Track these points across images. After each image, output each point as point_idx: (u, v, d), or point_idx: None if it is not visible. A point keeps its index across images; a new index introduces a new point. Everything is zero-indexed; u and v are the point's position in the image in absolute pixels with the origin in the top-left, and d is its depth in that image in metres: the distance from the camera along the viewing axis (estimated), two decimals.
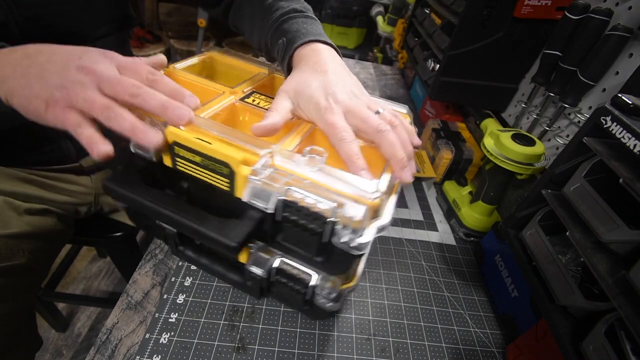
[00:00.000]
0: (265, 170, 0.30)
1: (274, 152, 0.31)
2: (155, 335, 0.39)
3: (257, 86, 0.45)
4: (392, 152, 0.33)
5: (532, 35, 0.56)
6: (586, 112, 0.49)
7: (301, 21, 0.44)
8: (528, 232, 0.39)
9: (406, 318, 0.46)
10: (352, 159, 0.32)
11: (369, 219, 0.28)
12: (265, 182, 0.29)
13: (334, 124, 0.33)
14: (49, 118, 0.30)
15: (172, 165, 0.34)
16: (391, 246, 0.56)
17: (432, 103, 0.87)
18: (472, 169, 0.66)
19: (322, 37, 0.42)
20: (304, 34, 0.41)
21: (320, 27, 0.45)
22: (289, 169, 0.30)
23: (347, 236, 0.28)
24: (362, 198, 0.28)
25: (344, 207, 0.28)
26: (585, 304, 0.30)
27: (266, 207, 0.29)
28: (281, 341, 0.41)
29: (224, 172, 0.31)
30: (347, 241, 0.28)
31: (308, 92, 0.36)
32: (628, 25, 0.41)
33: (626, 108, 0.29)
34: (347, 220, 0.28)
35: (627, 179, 0.27)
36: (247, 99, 0.41)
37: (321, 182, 0.29)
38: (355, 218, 0.27)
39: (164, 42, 2.17)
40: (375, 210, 0.29)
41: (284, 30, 0.43)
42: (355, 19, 2.36)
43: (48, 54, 0.31)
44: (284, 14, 0.45)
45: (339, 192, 0.29)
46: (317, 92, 0.35)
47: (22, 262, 0.50)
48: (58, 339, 1.02)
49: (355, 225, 0.27)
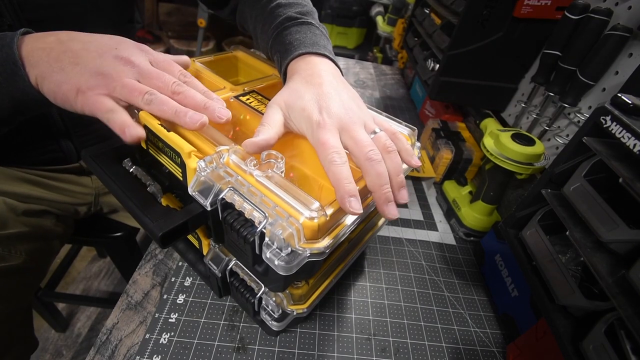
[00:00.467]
0: (213, 167, 0.29)
1: (230, 149, 0.30)
2: (155, 336, 0.39)
3: (263, 87, 0.45)
4: (377, 184, 0.30)
5: (532, 35, 0.56)
6: (586, 111, 0.49)
7: (295, 31, 0.41)
8: (528, 231, 0.39)
9: (406, 318, 0.46)
10: (341, 183, 0.28)
11: (300, 239, 0.26)
12: (208, 178, 0.29)
13: (325, 143, 0.30)
14: (78, 104, 0.30)
15: (145, 147, 0.35)
16: (391, 246, 0.56)
17: (432, 103, 0.87)
18: (472, 169, 0.66)
19: (315, 48, 0.39)
20: (296, 47, 0.39)
21: (318, 32, 0.42)
22: (238, 169, 0.29)
23: (272, 252, 0.25)
24: (296, 215, 0.26)
25: (274, 220, 0.26)
26: (585, 303, 0.30)
27: (204, 203, 0.28)
28: (281, 341, 0.41)
29: (177, 161, 0.31)
30: (271, 258, 0.25)
31: (300, 104, 0.33)
32: (628, 25, 0.41)
33: (626, 108, 0.29)
34: (273, 236, 0.25)
35: (627, 178, 0.27)
36: (243, 97, 0.41)
37: (262, 189, 0.28)
38: (281, 235, 0.25)
39: (164, 42, 2.17)
40: (312, 232, 0.26)
41: (278, 43, 0.42)
42: (355, 19, 2.36)
43: (83, 42, 0.32)
44: (279, 24, 0.43)
45: (277, 202, 0.27)
46: (309, 105, 0.33)
47: (18, 263, 0.49)
48: (58, 339, 1.02)
49: (280, 243, 0.25)
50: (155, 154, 0.34)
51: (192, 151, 0.30)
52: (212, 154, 0.30)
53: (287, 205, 0.27)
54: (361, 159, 0.31)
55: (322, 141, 0.31)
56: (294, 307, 0.35)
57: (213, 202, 0.28)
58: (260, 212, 0.26)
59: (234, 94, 0.41)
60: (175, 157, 0.31)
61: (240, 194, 0.27)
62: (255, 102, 0.41)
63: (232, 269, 0.37)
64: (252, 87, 0.44)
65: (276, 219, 0.26)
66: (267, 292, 0.35)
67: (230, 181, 0.28)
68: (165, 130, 0.31)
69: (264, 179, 0.28)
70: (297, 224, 0.25)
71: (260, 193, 0.27)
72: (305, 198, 0.27)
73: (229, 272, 0.37)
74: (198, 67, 0.46)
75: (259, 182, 0.28)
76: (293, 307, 0.35)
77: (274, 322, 0.35)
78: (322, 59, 0.39)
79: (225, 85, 0.42)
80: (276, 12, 0.44)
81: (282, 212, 0.26)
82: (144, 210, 0.29)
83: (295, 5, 0.45)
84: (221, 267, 0.36)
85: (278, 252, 0.25)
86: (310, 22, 0.43)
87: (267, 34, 0.44)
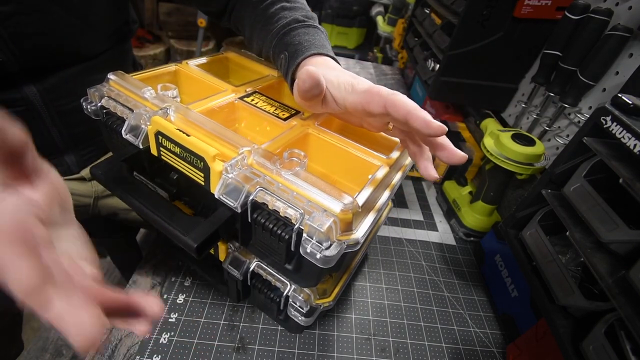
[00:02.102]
0: (239, 168, 0.29)
1: (252, 150, 0.30)
2: (155, 335, 0.39)
3: (262, 87, 0.45)
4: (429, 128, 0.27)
5: (532, 35, 0.56)
6: (586, 112, 0.49)
7: (303, 32, 0.42)
8: (528, 232, 0.39)
9: (406, 318, 0.46)
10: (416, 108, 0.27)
11: (337, 231, 0.27)
12: (237, 180, 0.28)
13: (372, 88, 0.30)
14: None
15: (157, 154, 0.34)
16: (391, 246, 0.56)
17: (432, 103, 0.87)
18: (472, 169, 0.66)
19: (325, 50, 0.40)
20: (306, 47, 0.40)
21: (323, 36, 0.43)
22: (263, 169, 0.29)
23: (312, 247, 0.26)
24: (331, 208, 0.27)
25: (312, 216, 0.26)
26: (585, 304, 0.30)
27: (235, 205, 0.28)
28: (281, 341, 0.41)
29: (199, 166, 0.31)
30: (312, 252, 0.26)
31: (334, 74, 0.33)
32: (628, 25, 0.41)
33: (626, 108, 0.29)
34: (313, 230, 0.26)
35: (627, 179, 0.27)
36: (247, 98, 0.41)
37: (293, 187, 0.28)
38: (321, 228, 0.25)
39: (164, 42, 2.17)
40: (346, 224, 0.27)
41: (286, 44, 0.42)
42: (355, 19, 2.36)
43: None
44: (285, 25, 0.43)
45: (309, 198, 0.27)
46: (342, 74, 0.33)
47: None
48: (58, 339, 1.02)
49: (320, 236, 0.26)
50: (170, 160, 0.33)
51: (216, 154, 0.29)
52: (236, 156, 0.29)
53: (320, 200, 0.27)
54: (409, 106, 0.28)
55: (367, 88, 0.30)
56: (320, 302, 0.36)
57: (243, 204, 0.28)
58: (296, 209, 0.27)
59: (236, 95, 0.41)
60: (198, 162, 0.30)
61: (271, 193, 0.28)
62: (261, 102, 0.41)
63: (254, 271, 0.36)
64: (254, 87, 0.44)
65: (314, 214, 0.26)
66: (294, 290, 0.35)
67: (259, 181, 0.28)
68: (185, 135, 0.30)
69: (292, 177, 0.29)
70: (333, 217, 0.26)
71: (291, 190, 0.28)
72: (336, 192, 0.28)
73: (250, 275, 0.37)
74: (192, 70, 0.45)
75: (287, 180, 0.28)
76: (319, 302, 0.36)
77: (303, 318, 0.36)
78: (332, 60, 0.40)
79: (227, 88, 0.42)
80: (281, 14, 0.44)
81: (316, 207, 0.27)
82: (172, 223, 0.29)
83: (299, 9, 0.46)
84: (242, 270, 0.36)
85: (319, 245, 0.26)
86: (316, 25, 0.44)
87: (270, 35, 0.44)
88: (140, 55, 2.01)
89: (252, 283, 0.38)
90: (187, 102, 0.37)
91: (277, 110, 0.40)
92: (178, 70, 0.46)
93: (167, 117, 0.33)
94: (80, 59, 0.48)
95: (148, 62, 2.05)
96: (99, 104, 0.36)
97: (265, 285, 0.37)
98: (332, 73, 0.34)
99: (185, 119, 0.32)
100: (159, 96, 0.35)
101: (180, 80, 0.46)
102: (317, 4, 2.38)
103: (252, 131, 0.42)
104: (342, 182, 0.39)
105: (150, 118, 0.32)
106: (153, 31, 2.20)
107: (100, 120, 0.37)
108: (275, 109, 0.40)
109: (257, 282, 0.37)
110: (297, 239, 0.27)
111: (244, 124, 0.42)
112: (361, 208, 0.28)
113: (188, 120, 0.32)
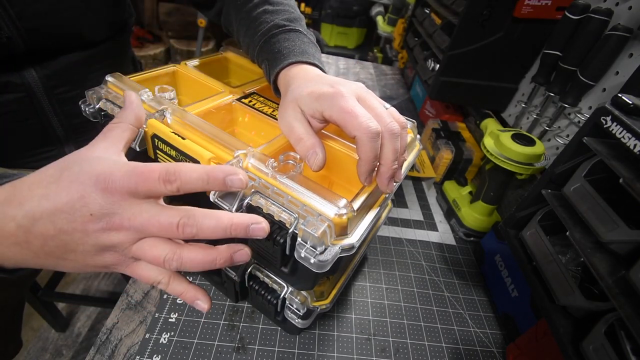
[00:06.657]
0: None
1: (248, 153, 0.30)
2: (155, 335, 0.39)
3: (261, 88, 0.45)
4: (390, 159, 0.29)
5: (532, 35, 0.56)
6: (586, 112, 0.49)
7: (283, 38, 0.40)
8: (528, 232, 0.39)
9: (406, 318, 0.46)
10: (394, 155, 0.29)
11: (331, 235, 0.26)
12: None
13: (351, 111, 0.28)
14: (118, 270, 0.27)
15: (154, 157, 0.34)
16: (391, 246, 0.56)
17: (432, 103, 0.87)
18: (472, 169, 0.66)
19: (305, 57, 0.38)
20: (285, 55, 0.38)
21: (306, 40, 0.41)
22: (259, 173, 0.29)
23: (307, 251, 0.26)
24: (326, 213, 0.27)
25: (306, 220, 0.26)
26: (585, 304, 0.30)
27: (229, 209, 0.28)
28: (281, 341, 0.41)
29: None
30: (306, 256, 0.26)
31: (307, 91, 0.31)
32: (628, 25, 0.41)
33: (626, 108, 0.29)
34: (307, 234, 0.26)
35: (627, 179, 0.27)
36: (245, 99, 0.41)
37: (287, 191, 0.28)
38: (315, 233, 0.25)
39: (164, 42, 2.17)
40: (341, 228, 0.27)
41: (266, 51, 0.40)
42: (355, 19, 2.36)
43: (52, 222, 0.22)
44: (266, 32, 0.41)
45: (304, 203, 0.27)
46: (319, 87, 0.31)
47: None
48: (58, 339, 1.02)
49: (314, 241, 0.26)
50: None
51: (211, 158, 0.30)
52: (231, 159, 0.29)
53: (315, 204, 0.27)
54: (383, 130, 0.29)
55: (346, 109, 0.28)
56: (318, 304, 0.36)
57: (238, 208, 0.28)
58: (290, 213, 0.27)
59: (234, 97, 0.41)
60: None
61: (266, 197, 0.28)
62: (259, 103, 0.41)
63: (252, 273, 0.37)
64: (251, 88, 0.44)
65: (308, 218, 0.26)
66: (290, 292, 0.35)
67: (254, 185, 0.28)
68: (180, 138, 0.30)
69: (287, 180, 0.28)
70: (328, 222, 0.26)
71: (286, 194, 0.28)
72: (331, 196, 0.28)
73: (247, 276, 0.37)
74: (191, 71, 0.45)
75: (282, 184, 0.28)
76: (316, 304, 0.36)
77: (300, 320, 0.36)
78: (312, 67, 0.38)
79: (224, 89, 0.42)
80: (262, 18, 0.42)
81: (311, 211, 0.27)
82: None
83: (282, 12, 0.43)
84: (239, 272, 0.36)
85: (312, 250, 0.26)
86: (298, 29, 0.42)
87: (253, 41, 0.42)
88: (140, 55, 2.01)
89: (250, 285, 0.38)
90: (186, 103, 0.37)
91: (274, 112, 0.40)
92: (176, 71, 0.46)
93: (163, 120, 0.33)
94: (81, 44, 0.49)
95: (148, 62, 2.05)
96: (96, 106, 0.36)
97: (262, 287, 0.37)
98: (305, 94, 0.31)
99: (181, 122, 0.32)
100: (156, 98, 0.35)
101: (179, 81, 0.46)
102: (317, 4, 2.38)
103: (250, 133, 0.42)
104: (340, 184, 0.39)
105: (147, 120, 0.32)
106: (153, 31, 2.20)
107: (98, 122, 0.37)
108: (273, 110, 0.40)
109: (254, 283, 0.38)
110: (291, 243, 0.27)
111: (241, 125, 0.42)
112: (357, 212, 0.28)
113: (184, 123, 0.32)
